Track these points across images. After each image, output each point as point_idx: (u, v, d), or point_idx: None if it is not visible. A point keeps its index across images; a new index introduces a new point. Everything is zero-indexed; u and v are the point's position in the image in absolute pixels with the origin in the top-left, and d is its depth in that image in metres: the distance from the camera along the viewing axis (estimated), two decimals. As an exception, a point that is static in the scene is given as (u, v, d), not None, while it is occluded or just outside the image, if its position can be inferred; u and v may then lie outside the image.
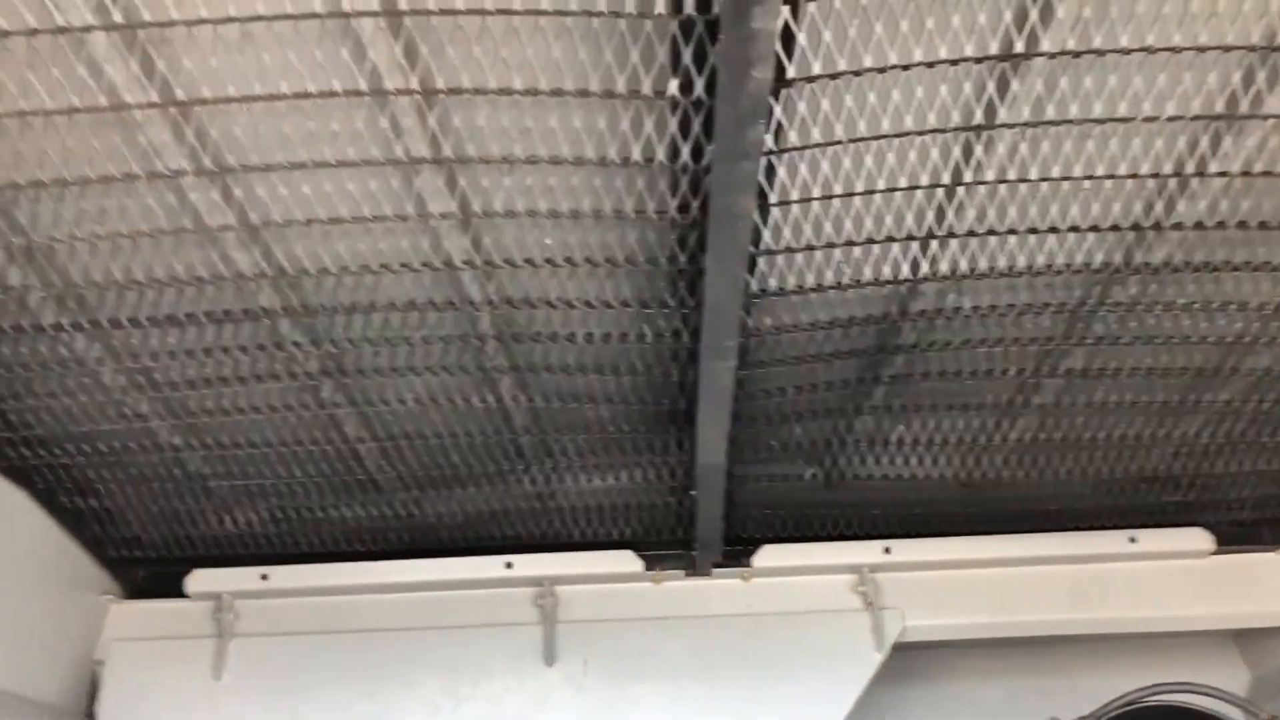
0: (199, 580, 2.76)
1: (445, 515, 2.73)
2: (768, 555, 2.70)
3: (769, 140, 1.58)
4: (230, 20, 1.41)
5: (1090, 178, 1.74)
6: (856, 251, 1.87)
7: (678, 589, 2.73)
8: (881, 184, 1.74)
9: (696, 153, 1.60)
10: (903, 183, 1.76)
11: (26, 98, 1.51)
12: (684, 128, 1.58)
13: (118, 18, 1.40)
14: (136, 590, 2.87)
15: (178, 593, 2.77)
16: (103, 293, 1.91)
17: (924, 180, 1.77)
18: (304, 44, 1.46)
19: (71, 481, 2.51)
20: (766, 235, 1.79)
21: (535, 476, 2.59)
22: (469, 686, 2.64)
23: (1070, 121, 1.64)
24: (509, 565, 2.72)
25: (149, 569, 2.87)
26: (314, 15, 1.41)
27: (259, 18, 1.41)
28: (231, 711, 2.64)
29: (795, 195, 1.73)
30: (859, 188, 1.74)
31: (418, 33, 1.47)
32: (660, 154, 1.64)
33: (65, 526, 2.64)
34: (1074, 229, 1.84)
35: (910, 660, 2.75)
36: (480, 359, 2.16)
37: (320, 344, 2.09)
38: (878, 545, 2.68)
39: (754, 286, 1.90)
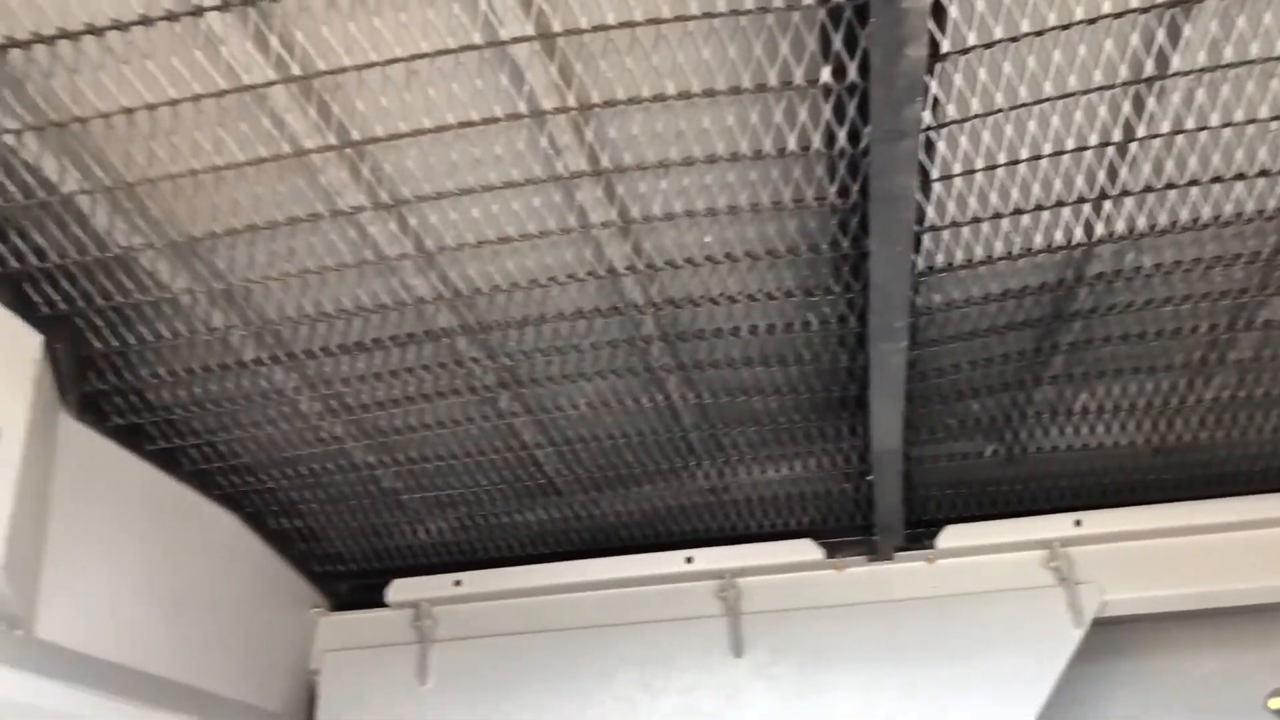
0: (398, 590, 2.92)
1: (623, 514, 2.79)
2: (951, 536, 2.65)
3: (927, 116, 1.55)
4: (396, 60, 1.48)
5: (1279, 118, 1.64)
6: (1025, 219, 1.82)
7: (861, 575, 2.71)
8: (1048, 148, 1.69)
9: (853, 136, 1.59)
10: (1070, 144, 1.69)
11: (220, 153, 1.63)
12: (839, 113, 1.57)
13: (295, 70, 1.49)
14: (341, 603, 3.06)
15: (379, 603, 2.93)
16: (296, 326, 2.04)
17: (1093, 140, 1.70)
18: (465, 75, 1.53)
19: (277, 504, 2.69)
20: (930, 212, 1.76)
21: (708, 471, 2.62)
22: (661, 680, 2.69)
23: (1252, 62, 1.55)
24: (689, 560, 2.76)
25: (351, 582, 3.05)
26: (473, 47, 1.47)
27: (422, 55, 1.48)
28: (437, 713, 2.77)
29: (958, 169, 1.69)
30: (1024, 154, 1.69)
31: (571, 52, 1.51)
32: (816, 141, 1.64)
33: (274, 546, 2.84)
34: (1264, 173, 1.73)
35: (1113, 635, 2.65)
36: (647, 360, 2.20)
37: (496, 358, 2.17)
38: (1067, 519, 2.59)
39: (920, 265, 1.87)
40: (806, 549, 2.71)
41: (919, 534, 2.68)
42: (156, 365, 2.11)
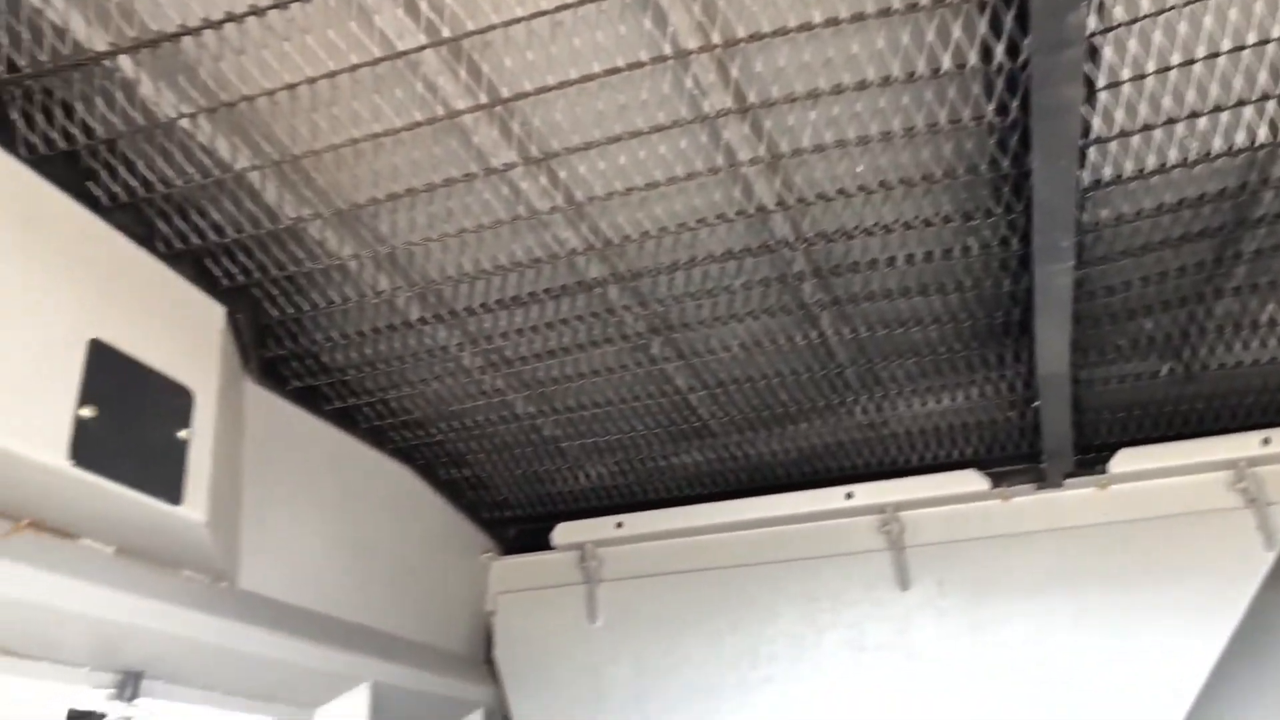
0: (563, 533, 3.01)
1: (779, 453, 2.79)
2: (1126, 460, 2.55)
3: (1092, 21, 1.47)
4: (542, 14, 1.49)
5: None
6: (1202, 123, 1.71)
7: (1028, 504, 2.64)
8: (1226, 44, 1.57)
9: (1012, 50, 1.52)
10: (1251, 38, 1.57)
11: (377, 120, 1.68)
12: (995, 26, 1.50)
13: (445, 32, 1.52)
14: (510, 547, 3.17)
15: (546, 546, 3.03)
16: (456, 285, 2.10)
17: (1276, 32, 1.57)
18: (608, 23, 1.52)
19: (446, 456, 2.80)
20: (1096, 123, 1.67)
21: (865, 406, 2.59)
22: (828, 615, 2.70)
23: None
24: (849, 496, 2.75)
25: (519, 527, 3.17)
26: (616, -8, 1.46)
27: (566, 6, 1.48)
28: (609, 650, 2.87)
29: (1126, 74, 1.59)
30: (1199, 53, 1.58)
31: (714, -13, 1.49)
32: (972, 58, 1.57)
33: (445, 495, 2.96)
34: None
35: (1308, 558, 2.51)
36: (799, 297, 2.18)
37: (646, 305, 2.19)
38: (1254, 437, 2.46)
39: (1086, 180, 1.78)
40: (970, 480, 2.65)
41: (1089, 460, 2.59)
42: (329, 329, 2.22)
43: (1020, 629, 2.53)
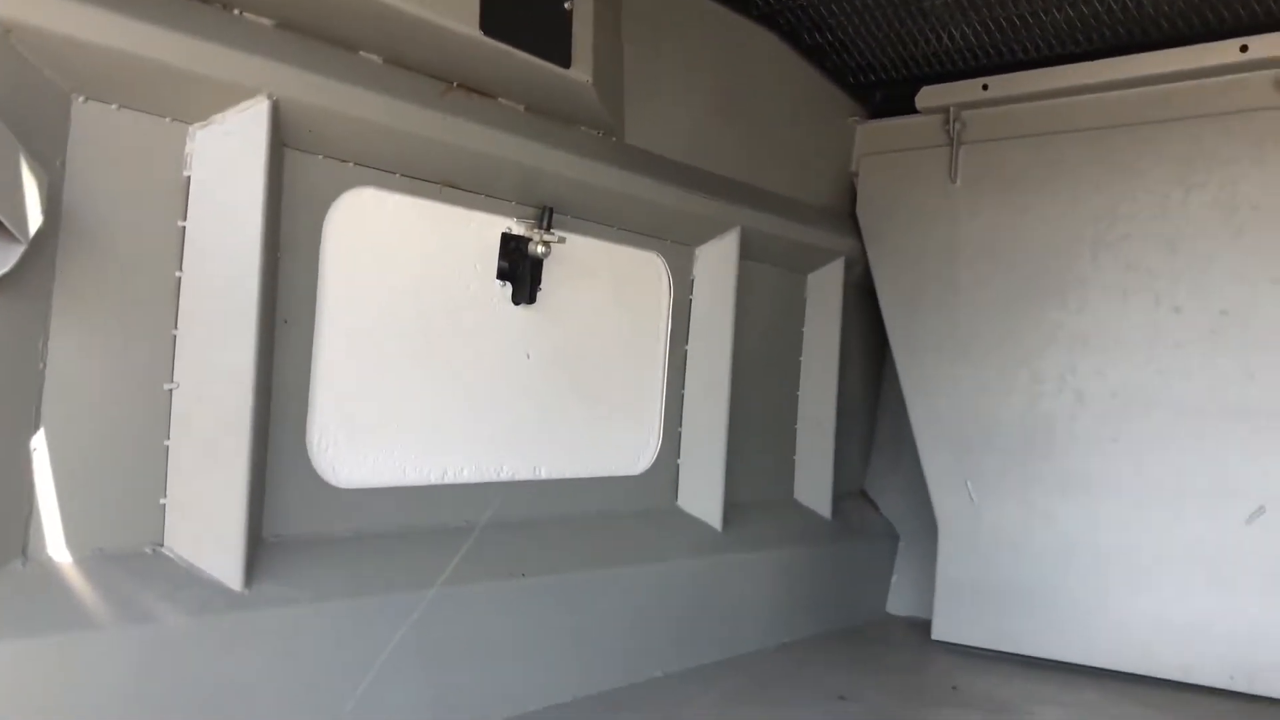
0: (927, 96, 3.06)
1: (1165, 2, 2.58)
2: None
3: None
4: None
5: None
6: None
7: None
8: None
9: None
10: None
11: None
12: None
13: None
14: (876, 111, 3.28)
15: (911, 109, 3.11)
16: None
17: None
18: None
19: (809, 19, 2.89)
20: None
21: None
22: (1202, 175, 2.61)
23: None
24: (1244, 49, 2.52)
25: (884, 91, 3.24)
26: None
27: None
28: (968, 209, 2.99)
29: None
30: None
31: None
32: None
33: (811, 61, 3.09)
34: None
35: None
36: None
37: None
38: None
39: None
40: (1397, 25, 2.33)
41: None
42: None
43: None
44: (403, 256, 2.07)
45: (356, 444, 1.99)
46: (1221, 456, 2.54)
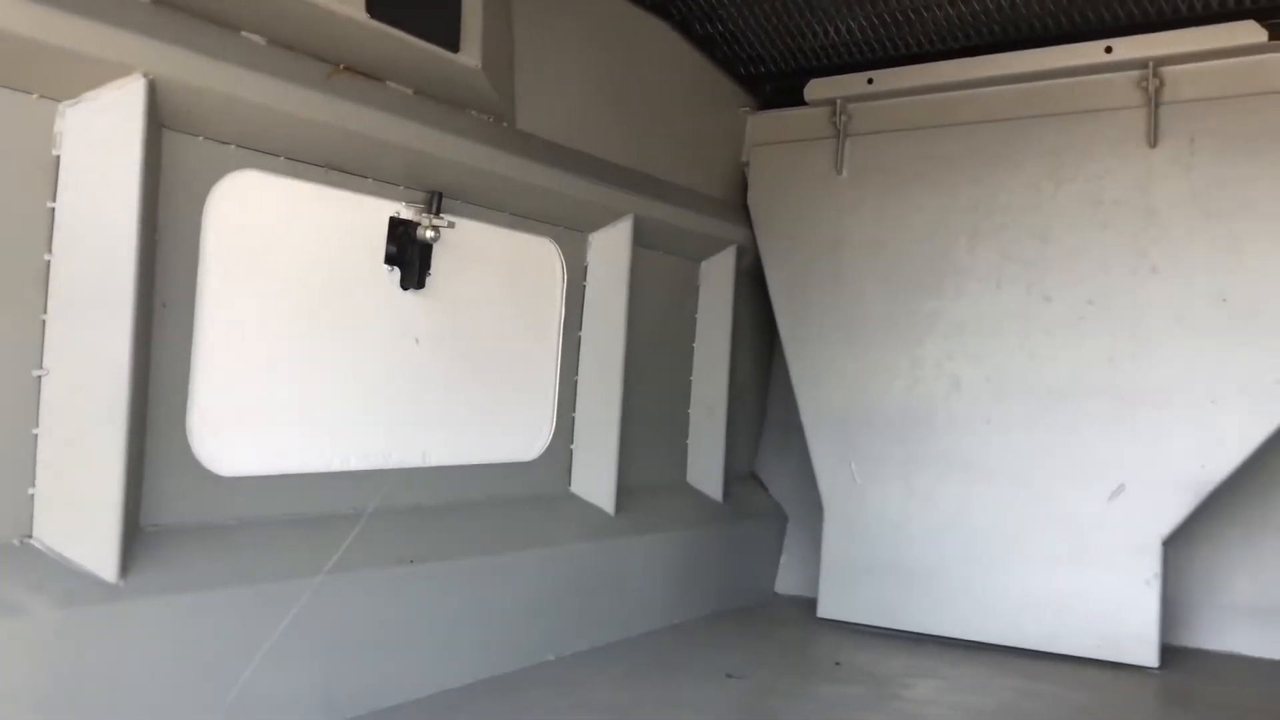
0: (815, 89, 3.13)
1: (1038, 3, 2.69)
2: None
3: None
4: None
5: None
6: None
7: (1312, 57, 2.46)
8: None
9: None
10: None
11: None
12: None
13: None
14: (766, 102, 3.35)
15: (800, 102, 3.18)
16: None
17: None
18: None
19: (700, 10, 2.93)
20: None
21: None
22: (1070, 169, 2.74)
23: None
24: (1108, 50, 2.66)
25: (774, 83, 3.30)
26: None
27: None
28: (853, 198, 3.08)
29: None
30: None
31: None
32: None
33: (702, 51, 3.13)
34: None
35: None
36: None
37: None
38: None
39: None
40: (1247, 32, 2.48)
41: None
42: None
43: (1270, 191, 2.48)
44: (288, 240, 2.03)
45: (240, 431, 1.95)
46: (1086, 438, 2.68)
